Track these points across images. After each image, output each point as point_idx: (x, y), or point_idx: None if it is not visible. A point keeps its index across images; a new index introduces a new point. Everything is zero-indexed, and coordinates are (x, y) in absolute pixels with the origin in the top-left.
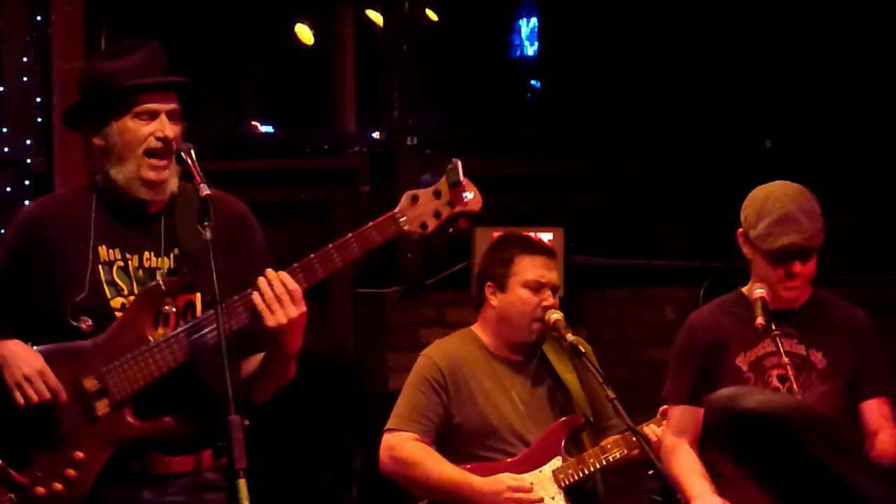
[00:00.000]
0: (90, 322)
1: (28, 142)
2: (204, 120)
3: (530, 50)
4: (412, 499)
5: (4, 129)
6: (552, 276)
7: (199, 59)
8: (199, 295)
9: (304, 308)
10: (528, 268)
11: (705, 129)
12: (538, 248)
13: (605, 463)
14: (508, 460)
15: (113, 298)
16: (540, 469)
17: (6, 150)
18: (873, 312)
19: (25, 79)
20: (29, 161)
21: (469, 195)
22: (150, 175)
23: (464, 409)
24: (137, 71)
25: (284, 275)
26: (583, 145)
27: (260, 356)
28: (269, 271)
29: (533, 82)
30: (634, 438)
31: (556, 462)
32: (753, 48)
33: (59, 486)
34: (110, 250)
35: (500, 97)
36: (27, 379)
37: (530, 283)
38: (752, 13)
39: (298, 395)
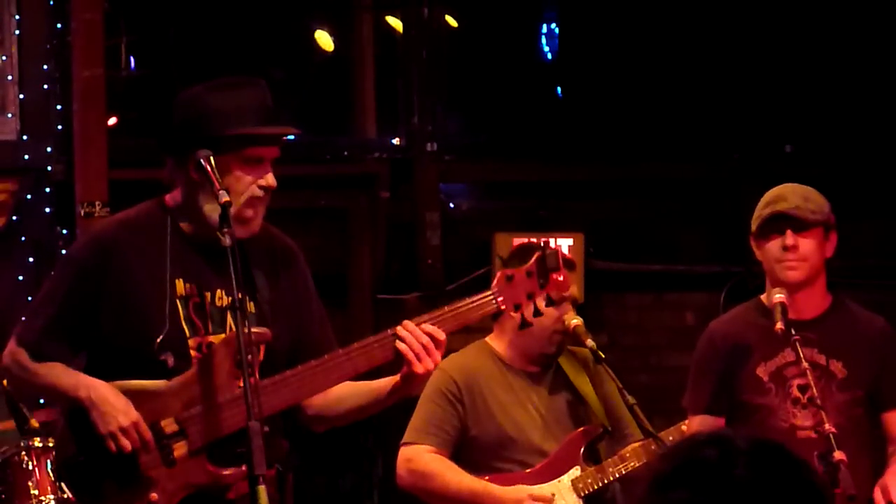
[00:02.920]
0: (173, 360)
1: (48, 149)
2: None
3: (550, 56)
4: None
5: (25, 137)
6: (571, 290)
7: (219, 66)
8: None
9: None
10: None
11: (725, 134)
12: (558, 265)
13: (624, 472)
14: (527, 471)
15: (191, 337)
16: (559, 479)
17: (26, 157)
18: (891, 318)
19: (46, 86)
20: (49, 168)
21: (561, 277)
22: (249, 214)
23: (480, 421)
24: (250, 115)
25: (428, 325)
26: (603, 151)
27: (340, 402)
28: (407, 323)
29: (554, 88)
30: (654, 447)
31: (575, 472)
32: (774, 54)
33: None
34: (186, 284)
35: (519, 103)
36: (123, 430)
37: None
38: (772, 20)
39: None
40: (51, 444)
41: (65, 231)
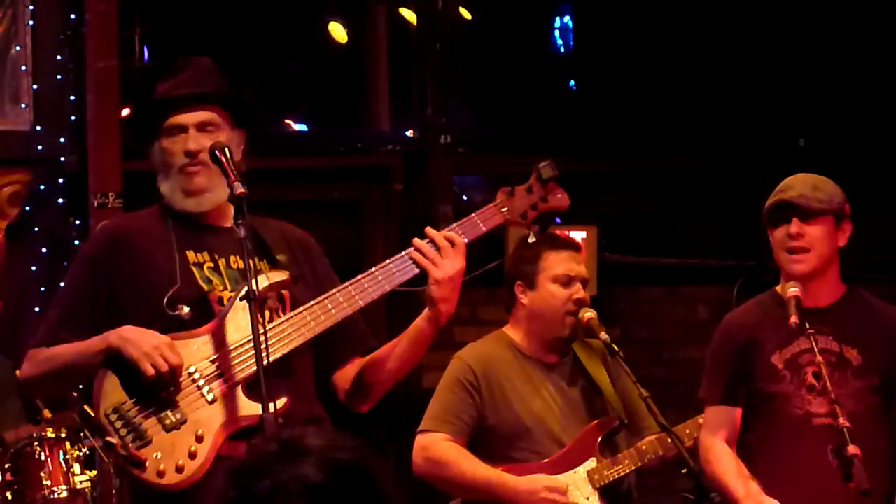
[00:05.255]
0: (188, 310)
1: (62, 140)
2: None
3: (564, 49)
4: (445, 498)
5: (38, 128)
6: (580, 269)
7: (234, 58)
8: (289, 293)
9: (464, 262)
10: (556, 263)
11: (739, 127)
12: (563, 244)
13: (639, 464)
14: (543, 461)
15: (210, 292)
16: (575, 470)
17: (40, 147)
18: None
19: (59, 77)
20: (63, 159)
21: (559, 192)
22: (188, 185)
23: (497, 410)
24: (168, 88)
25: (444, 231)
26: (616, 144)
27: (363, 360)
28: (429, 229)
29: (568, 81)
30: (669, 440)
31: (591, 463)
32: (788, 47)
33: (181, 460)
34: (198, 254)
35: (533, 96)
36: (156, 348)
37: (560, 277)
38: (787, 12)
39: (332, 395)
40: (63, 435)
41: (78, 222)
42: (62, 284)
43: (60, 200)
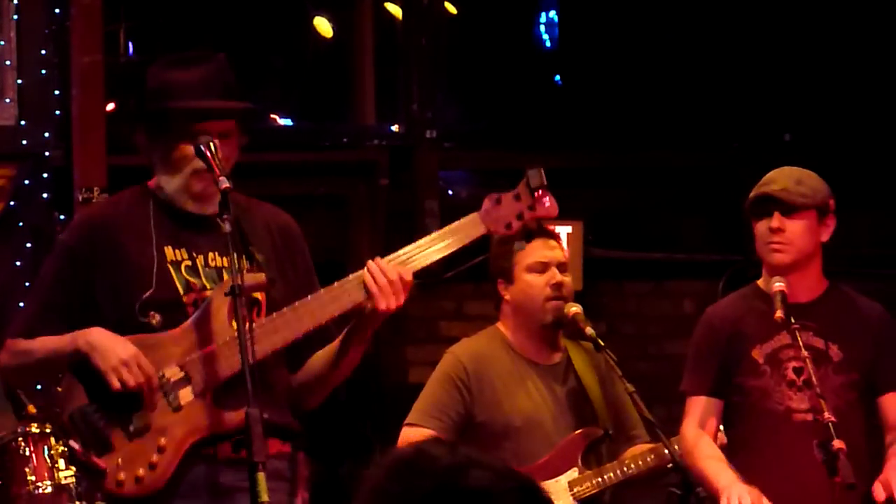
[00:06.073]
0: (159, 318)
1: (47, 135)
2: None
3: (550, 44)
4: None
5: (23, 122)
6: (554, 254)
7: (218, 52)
8: (265, 294)
9: (403, 301)
10: (528, 253)
11: (724, 122)
12: (534, 233)
13: (621, 478)
14: (525, 468)
15: (186, 294)
16: (556, 479)
17: (25, 142)
18: (890, 306)
19: (44, 71)
20: (48, 154)
21: (548, 200)
22: (197, 188)
23: (487, 408)
24: (196, 90)
25: (397, 265)
26: (602, 139)
27: (315, 362)
28: (379, 260)
29: (554, 76)
30: (652, 457)
31: (573, 473)
32: (772, 42)
33: (141, 471)
34: (176, 250)
35: (519, 91)
36: (124, 363)
37: (534, 266)
38: (771, 7)
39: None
40: (48, 431)
41: (63, 217)
42: (41, 273)
43: (45, 195)
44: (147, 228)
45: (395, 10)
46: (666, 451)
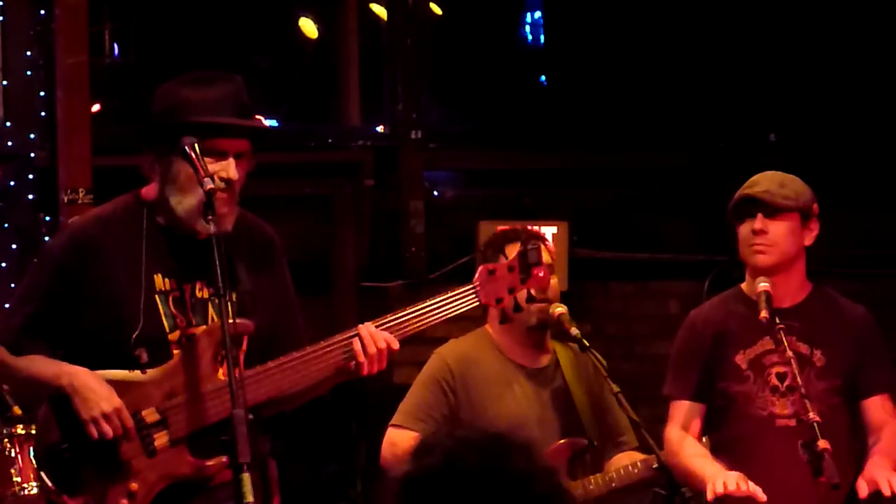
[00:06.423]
0: (146, 355)
1: (32, 136)
2: None
3: (535, 44)
4: None
5: (8, 124)
6: (552, 286)
7: (203, 53)
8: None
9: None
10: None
11: (710, 123)
12: (520, 234)
13: (604, 492)
14: None
15: (172, 332)
16: None
17: (10, 143)
18: (875, 307)
19: (29, 73)
20: (33, 155)
21: (542, 273)
22: (220, 210)
23: (472, 411)
24: (213, 107)
25: (387, 334)
26: (587, 139)
27: None
28: (370, 327)
29: (539, 76)
30: (637, 469)
31: None
32: (758, 42)
33: None
34: (165, 279)
35: (504, 91)
36: (105, 416)
37: None
38: (756, 8)
39: None
40: (33, 432)
41: (48, 218)
42: (28, 281)
43: (30, 196)
44: (138, 251)
45: (380, 11)
46: (654, 465)
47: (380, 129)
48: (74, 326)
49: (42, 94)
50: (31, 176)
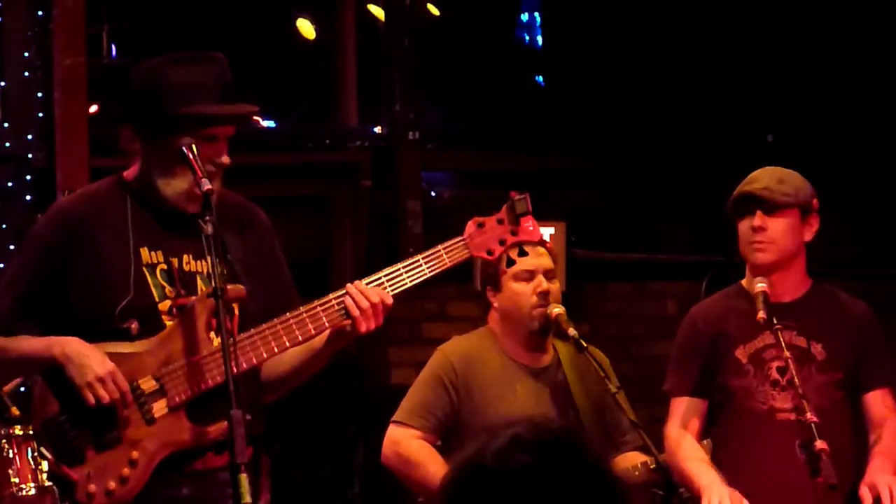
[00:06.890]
0: (137, 325)
1: (29, 137)
2: None
3: (532, 45)
4: (413, 495)
5: (6, 125)
6: (541, 261)
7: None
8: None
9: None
10: (515, 260)
11: (707, 123)
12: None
13: None
14: None
15: (161, 301)
16: None
17: (7, 144)
18: (875, 307)
19: (27, 74)
20: (30, 156)
21: (531, 225)
22: (199, 192)
23: (474, 409)
24: (206, 92)
25: (379, 290)
26: (585, 140)
27: (281, 363)
28: (360, 283)
29: (536, 77)
30: (637, 473)
31: None
32: (755, 43)
33: (112, 484)
34: (152, 252)
35: (501, 92)
36: (100, 380)
37: (520, 274)
38: (754, 8)
39: (300, 391)
40: (31, 433)
41: None
42: (15, 264)
43: (28, 197)
44: (124, 227)
45: (378, 12)
46: (652, 466)
47: (377, 129)
48: (64, 305)
49: (39, 95)
50: (28, 177)
